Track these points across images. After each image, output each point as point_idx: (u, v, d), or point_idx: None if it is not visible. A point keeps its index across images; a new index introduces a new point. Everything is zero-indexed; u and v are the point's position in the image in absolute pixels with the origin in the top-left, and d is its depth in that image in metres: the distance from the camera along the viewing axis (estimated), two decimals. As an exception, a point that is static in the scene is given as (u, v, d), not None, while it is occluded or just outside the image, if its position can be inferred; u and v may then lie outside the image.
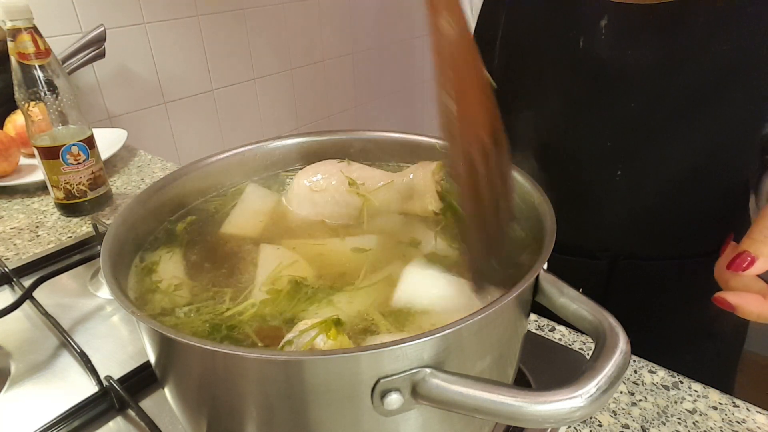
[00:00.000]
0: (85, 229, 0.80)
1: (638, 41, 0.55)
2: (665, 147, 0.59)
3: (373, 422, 0.30)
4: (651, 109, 0.57)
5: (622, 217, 0.64)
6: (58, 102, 0.75)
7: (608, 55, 0.56)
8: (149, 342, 0.34)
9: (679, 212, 0.63)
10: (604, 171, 0.62)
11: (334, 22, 1.79)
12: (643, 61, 0.55)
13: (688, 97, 0.55)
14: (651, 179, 0.61)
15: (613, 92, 0.57)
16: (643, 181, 0.61)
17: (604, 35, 0.55)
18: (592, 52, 0.56)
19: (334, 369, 0.28)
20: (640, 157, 0.60)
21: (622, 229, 0.65)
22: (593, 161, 0.62)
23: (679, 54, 0.54)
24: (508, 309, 0.33)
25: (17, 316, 0.57)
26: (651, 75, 0.55)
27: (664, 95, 0.56)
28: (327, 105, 1.88)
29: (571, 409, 0.26)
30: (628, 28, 0.55)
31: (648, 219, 0.63)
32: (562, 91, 0.61)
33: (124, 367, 0.49)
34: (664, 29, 0.53)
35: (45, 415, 0.44)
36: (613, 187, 0.62)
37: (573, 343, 0.55)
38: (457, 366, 0.30)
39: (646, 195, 0.62)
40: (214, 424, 0.34)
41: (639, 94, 0.56)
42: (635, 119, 0.58)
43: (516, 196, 0.48)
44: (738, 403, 0.47)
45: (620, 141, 0.60)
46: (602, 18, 0.55)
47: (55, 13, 1.14)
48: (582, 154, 0.63)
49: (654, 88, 0.56)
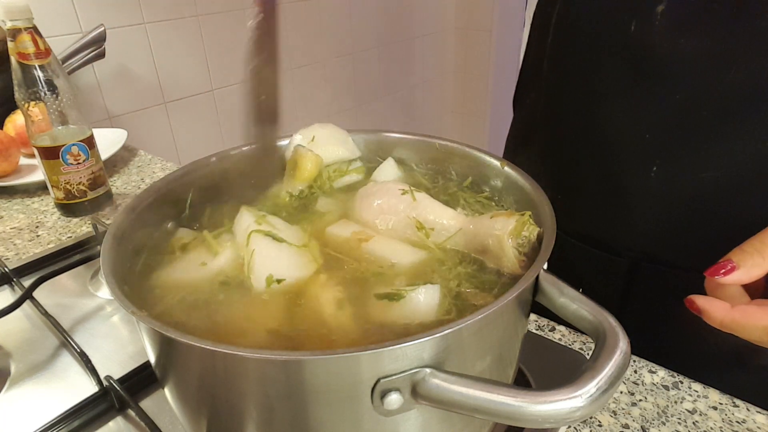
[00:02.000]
0: (85, 229, 0.80)
1: (694, 31, 0.51)
2: (707, 148, 0.54)
3: (373, 422, 0.30)
4: (697, 105, 0.53)
5: (651, 216, 0.60)
6: (58, 102, 0.75)
7: (659, 42, 0.53)
8: (149, 342, 0.34)
9: (712, 222, 0.58)
10: (639, 165, 0.58)
11: (334, 22, 1.79)
12: (695, 53, 0.51)
13: (739, 97, 0.51)
14: (688, 181, 0.56)
15: (658, 82, 0.54)
16: (679, 181, 0.57)
17: (658, 21, 0.52)
18: (643, 38, 0.53)
19: (334, 369, 0.28)
20: (679, 156, 0.56)
21: (649, 229, 0.61)
22: (629, 153, 0.59)
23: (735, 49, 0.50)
24: (508, 309, 0.33)
25: (17, 316, 0.57)
26: (702, 68, 0.52)
27: (713, 92, 0.52)
28: (327, 105, 1.88)
29: (571, 409, 0.27)
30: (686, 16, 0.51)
31: (678, 223, 0.59)
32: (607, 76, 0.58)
33: (124, 367, 0.49)
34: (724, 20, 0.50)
35: (45, 415, 0.44)
36: (646, 184, 0.58)
37: (573, 343, 0.55)
38: (457, 366, 0.30)
39: (680, 197, 0.58)
40: (214, 424, 0.34)
41: (686, 87, 0.53)
42: (678, 114, 0.54)
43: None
44: (738, 403, 0.47)
45: (659, 135, 0.56)
46: (660, 3, 0.52)
47: (55, 13, 1.14)
48: (618, 144, 0.59)
49: (703, 82, 0.52)
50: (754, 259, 0.39)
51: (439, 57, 2.32)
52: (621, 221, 0.62)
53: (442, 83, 2.40)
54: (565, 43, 0.62)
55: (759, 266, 0.39)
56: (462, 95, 2.47)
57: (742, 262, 0.39)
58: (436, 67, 2.33)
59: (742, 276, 0.39)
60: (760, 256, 0.39)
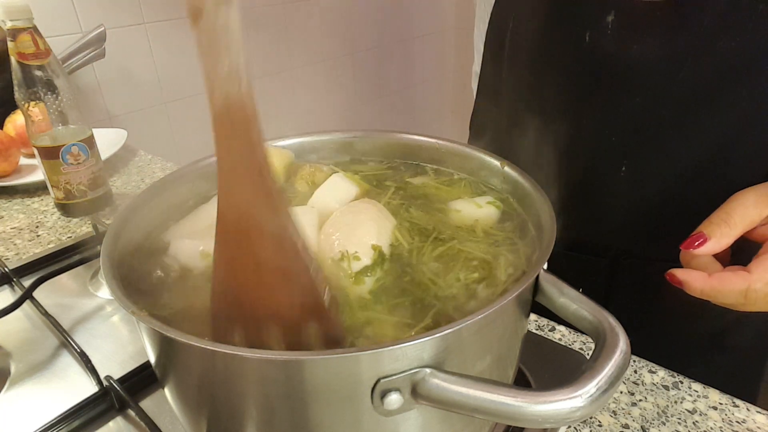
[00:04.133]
0: (85, 229, 0.80)
1: (644, 37, 0.54)
2: (670, 144, 0.58)
3: (373, 422, 0.30)
4: (656, 105, 0.57)
5: (624, 214, 0.64)
6: (58, 102, 0.75)
7: (614, 50, 0.56)
8: (149, 342, 0.34)
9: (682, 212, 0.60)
10: (608, 166, 0.61)
11: (334, 22, 1.79)
12: (648, 57, 0.55)
13: (694, 94, 0.55)
14: (655, 176, 0.60)
15: (618, 87, 0.57)
16: (647, 178, 0.61)
17: (610, 30, 0.55)
18: (598, 47, 0.56)
19: (334, 369, 0.28)
20: (645, 154, 0.59)
21: (624, 226, 0.65)
22: (597, 156, 0.62)
23: (684, 51, 0.53)
24: (508, 309, 0.33)
25: (17, 316, 0.57)
26: (656, 71, 0.55)
27: (669, 91, 0.56)
28: (327, 105, 1.88)
29: (571, 409, 0.27)
30: (634, 23, 0.55)
31: (651, 217, 0.63)
32: (568, 86, 0.61)
33: (124, 367, 0.49)
34: (670, 26, 0.53)
35: (45, 415, 0.44)
36: (616, 183, 0.62)
37: (573, 343, 0.55)
38: (457, 366, 0.30)
39: (649, 192, 0.61)
40: (214, 424, 0.34)
41: (644, 89, 0.56)
42: (640, 115, 0.58)
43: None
44: (738, 403, 0.47)
45: (625, 137, 0.59)
46: (609, 13, 0.55)
47: (55, 13, 1.14)
48: (586, 149, 0.62)
49: (659, 84, 0.55)
50: (722, 229, 0.42)
51: (439, 57, 2.32)
52: (597, 222, 0.65)
53: (442, 83, 2.40)
54: (523, 59, 0.64)
55: (727, 235, 0.42)
56: (462, 95, 2.47)
57: (712, 233, 0.42)
58: (436, 67, 2.33)
59: (714, 246, 0.42)
60: (726, 226, 0.42)
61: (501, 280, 0.39)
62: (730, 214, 0.43)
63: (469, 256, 0.42)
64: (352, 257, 0.40)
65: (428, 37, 2.21)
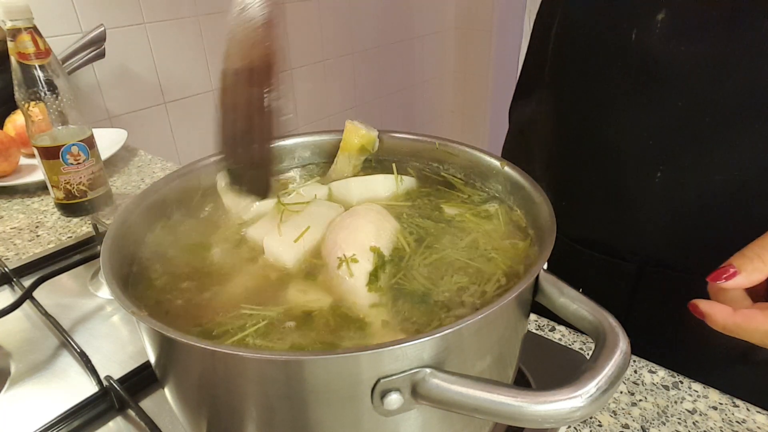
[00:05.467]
0: (85, 229, 0.80)
1: (694, 38, 0.52)
2: (711, 153, 0.55)
3: (373, 422, 0.30)
4: (699, 111, 0.54)
5: (655, 221, 0.61)
6: (58, 102, 0.75)
7: (661, 50, 0.53)
8: (149, 342, 0.34)
9: (718, 227, 0.58)
10: (643, 171, 0.59)
11: (334, 22, 1.79)
12: (696, 59, 0.52)
13: (742, 102, 0.52)
14: (692, 186, 0.57)
15: (660, 89, 0.55)
16: (683, 186, 0.57)
17: (659, 29, 0.53)
18: (644, 46, 0.54)
19: (334, 369, 0.28)
20: (683, 161, 0.56)
21: (654, 234, 0.62)
22: (633, 159, 0.59)
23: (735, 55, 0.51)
24: (508, 309, 0.33)
25: (17, 316, 0.57)
26: (703, 74, 0.52)
27: (714, 97, 0.53)
28: (327, 105, 1.88)
29: (571, 409, 0.27)
30: (686, 23, 0.52)
31: (683, 228, 0.60)
32: (609, 83, 0.59)
33: (124, 367, 0.49)
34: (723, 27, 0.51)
35: (45, 415, 0.44)
36: (650, 189, 0.59)
37: (573, 343, 0.55)
38: (457, 366, 0.30)
39: (684, 202, 0.58)
40: (214, 424, 0.34)
41: (688, 93, 0.54)
42: (681, 119, 0.55)
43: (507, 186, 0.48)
44: (738, 403, 0.47)
45: (663, 141, 0.57)
46: (659, 11, 0.53)
47: (55, 13, 1.14)
48: (622, 150, 0.60)
49: (705, 88, 0.53)
50: (755, 264, 0.39)
51: (439, 57, 2.32)
52: (626, 226, 0.62)
53: (442, 83, 2.40)
54: (567, 52, 0.62)
55: (760, 271, 0.39)
56: (462, 95, 2.47)
57: (743, 266, 0.39)
58: (436, 67, 2.33)
59: (743, 281, 0.39)
60: (760, 261, 0.39)
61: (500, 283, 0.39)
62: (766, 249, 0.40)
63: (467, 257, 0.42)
64: (350, 260, 0.40)
65: (428, 37, 2.21)
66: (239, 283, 0.41)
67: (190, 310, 0.38)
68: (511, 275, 0.40)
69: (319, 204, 0.49)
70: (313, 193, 0.51)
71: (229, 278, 0.41)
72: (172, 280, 0.41)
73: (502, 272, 0.40)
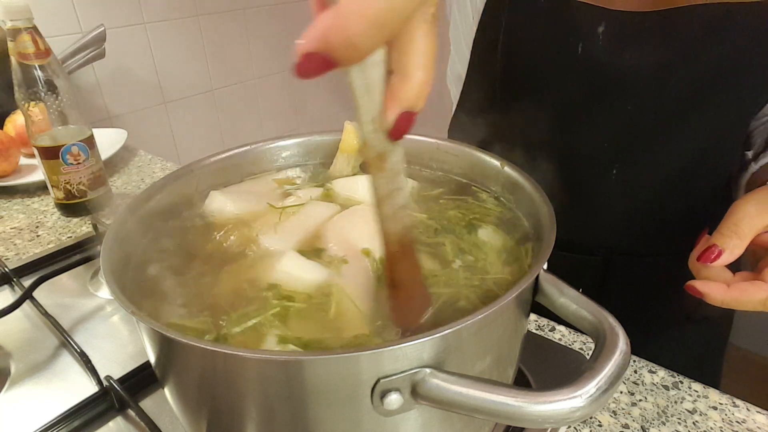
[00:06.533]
0: (85, 229, 0.80)
1: (634, 46, 0.57)
2: (659, 148, 0.61)
3: (373, 422, 0.30)
4: (647, 112, 0.59)
5: (616, 215, 0.67)
6: (58, 102, 0.75)
7: (606, 60, 0.58)
8: (149, 342, 0.34)
9: (670, 210, 0.66)
10: (600, 171, 0.64)
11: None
12: (639, 66, 0.57)
13: (683, 100, 0.57)
14: (645, 179, 0.63)
15: (610, 95, 0.59)
16: (637, 180, 0.64)
17: (601, 41, 0.57)
18: (591, 57, 0.58)
19: (334, 369, 0.28)
20: (635, 158, 0.62)
21: (616, 226, 0.68)
22: (590, 161, 0.64)
23: (673, 59, 0.56)
24: (508, 309, 0.33)
25: (17, 316, 0.57)
26: (647, 79, 0.57)
27: (659, 98, 0.58)
28: (327, 105, 1.88)
29: (571, 409, 0.26)
30: (625, 34, 0.57)
31: (641, 217, 0.66)
32: (561, 94, 0.63)
33: (124, 367, 0.49)
34: (659, 35, 0.55)
35: (45, 415, 0.44)
36: (608, 186, 0.65)
37: (573, 343, 0.55)
38: (457, 366, 0.30)
39: (639, 194, 0.64)
40: (214, 424, 0.34)
41: (636, 97, 0.59)
42: (632, 121, 0.60)
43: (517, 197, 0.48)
44: (738, 403, 0.47)
45: (616, 142, 0.62)
46: (600, 24, 0.57)
47: (55, 13, 1.14)
48: (579, 155, 0.65)
49: (650, 91, 0.58)
50: (733, 241, 0.44)
51: (439, 57, 2.32)
52: (589, 223, 0.69)
53: (441, 83, 2.40)
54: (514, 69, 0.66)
55: (738, 246, 0.44)
56: (462, 95, 2.46)
57: (725, 245, 0.44)
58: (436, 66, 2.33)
59: (728, 257, 0.44)
60: (737, 237, 0.44)
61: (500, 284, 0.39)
62: (739, 225, 0.44)
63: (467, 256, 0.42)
64: (341, 261, 0.41)
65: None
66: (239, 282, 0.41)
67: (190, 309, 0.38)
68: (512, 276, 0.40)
69: (315, 204, 0.49)
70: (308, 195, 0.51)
71: (229, 278, 0.41)
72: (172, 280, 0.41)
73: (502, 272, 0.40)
